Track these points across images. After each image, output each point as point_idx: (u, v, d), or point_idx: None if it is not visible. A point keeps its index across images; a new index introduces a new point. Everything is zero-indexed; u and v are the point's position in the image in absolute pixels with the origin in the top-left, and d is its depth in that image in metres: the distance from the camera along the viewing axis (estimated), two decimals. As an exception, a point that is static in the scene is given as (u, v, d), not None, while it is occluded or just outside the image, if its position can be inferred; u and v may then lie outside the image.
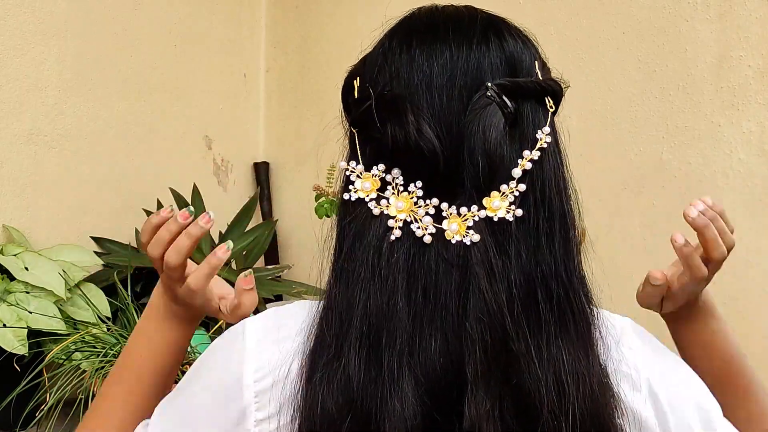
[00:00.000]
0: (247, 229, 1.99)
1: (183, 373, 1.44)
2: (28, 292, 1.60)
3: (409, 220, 0.75)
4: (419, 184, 0.76)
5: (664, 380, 0.83)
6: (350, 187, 0.77)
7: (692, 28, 1.49)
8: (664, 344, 0.94)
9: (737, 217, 1.44)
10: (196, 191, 1.97)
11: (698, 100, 1.48)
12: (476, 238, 0.74)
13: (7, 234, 1.77)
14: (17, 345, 1.53)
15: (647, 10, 1.55)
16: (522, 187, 0.75)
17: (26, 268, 1.63)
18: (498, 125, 0.76)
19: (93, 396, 1.41)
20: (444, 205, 0.75)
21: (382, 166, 0.76)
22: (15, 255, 1.65)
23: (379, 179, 0.76)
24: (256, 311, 1.27)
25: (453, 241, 0.74)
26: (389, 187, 0.76)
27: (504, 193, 0.75)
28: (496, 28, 0.80)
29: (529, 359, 0.73)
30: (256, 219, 2.14)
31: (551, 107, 0.80)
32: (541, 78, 0.79)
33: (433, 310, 0.73)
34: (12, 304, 1.57)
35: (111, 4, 1.96)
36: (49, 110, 1.86)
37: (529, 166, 0.76)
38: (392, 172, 0.76)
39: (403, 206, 0.76)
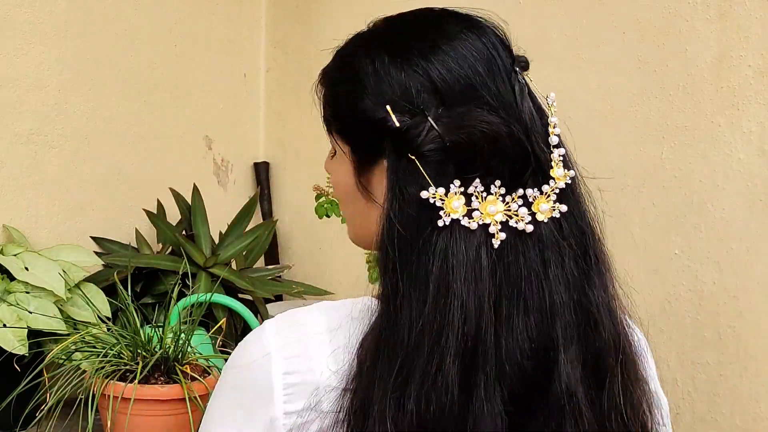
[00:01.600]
0: (247, 229, 1.99)
1: (182, 372, 1.44)
2: (28, 292, 1.60)
3: (504, 219, 0.77)
4: (498, 183, 0.78)
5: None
6: (440, 213, 0.76)
7: (692, 28, 1.49)
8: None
9: (737, 218, 1.44)
10: (196, 191, 1.97)
11: (698, 100, 1.48)
12: (564, 208, 0.80)
13: (7, 234, 1.77)
14: (17, 345, 1.53)
15: (647, 10, 1.55)
16: (562, 150, 0.81)
17: (26, 268, 1.63)
18: (529, 101, 0.81)
19: (93, 396, 1.41)
20: (528, 191, 0.78)
21: (457, 182, 0.77)
22: (15, 255, 1.66)
23: (462, 194, 0.77)
24: (256, 312, 1.29)
25: (545, 221, 0.78)
26: (473, 199, 0.77)
27: (556, 161, 0.81)
28: (475, 20, 0.85)
29: (598, 311, 0.79)
30: (256, 219, 2.14)
31: (530, 79, 0.86)
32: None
33: (519, 296, 0.76)
34: (12, 304, 1.57)
35: (111, 4, 1.96)
36: (49, 110, 1.86)
37: (558, 131, 0.82)
38: (473, 183, 0.77)
39: (495, 209, 0.77)
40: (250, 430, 0.78)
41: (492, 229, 0.76)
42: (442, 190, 0.76)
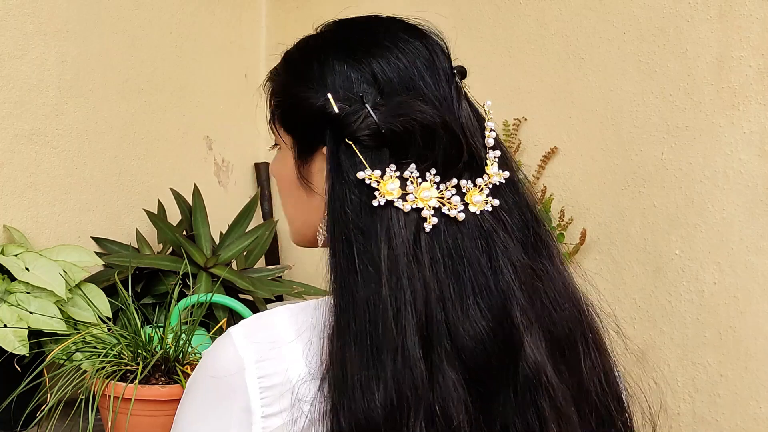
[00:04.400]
0: (248, 229, 1.99)
1: (183, 372, 1.44)
2: (28, 293, 1.60)
3: (437, 206, 0.81)
4: (433, 171, 0.82)
5: None
6: (375, 193, 0.80)
7: (693, 29, 1.49)
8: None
9: (738, 218, 1.44)
10: (196, 191, 1.97)
11: (699, 101, 1.48)
12: (496, 202, 0.83)
13: (7, 234, 1.77)
14: (18, 345, 1.53)
15: (648, 10, 1.55)
16: (498, 152, 0.85)
17: (27, 269, 1.63)
18: (466, 104, 0.85)
19: (94, 396, 1.41)
20: (462, 182, 0.82)
21: (393, 167, 0.81)
22: (16, 255, 1.65)
23: (397, 178, 0.81)
24: (257, 312, 1.29)
25: (478, 212, 0.82)
26: (408, 183, 0.81)
27: (492, 160, 0.85)
28: (417, 27, 0.89)
29: (548, 290, 0.83)
30: (257, 219, 2.14)
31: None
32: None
33: (467, 281, 0.79)
34: (13, 305, 1.57)
35: (112, 4, 1.96)
36: (49, 111, 1.86)
37: (494, 135, 0.85)
38: (409, 168, 0.81)
39: (429, 195, 0.81)
40: None
41: (425, 213, 0.80)
42: (378, 173, 0.81)
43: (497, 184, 0.84)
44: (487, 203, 0.82)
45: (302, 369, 0.78)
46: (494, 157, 0.84)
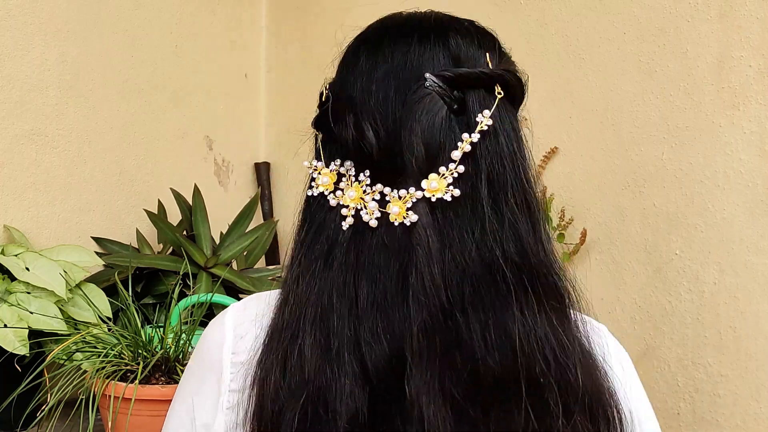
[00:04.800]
0: (248, 229, 1.99)
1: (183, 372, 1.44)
2: (29, 293, 1.60)
3: (359, 207, 0.80)
4: (367, 173, 0.81)
5: (633, 390, 0.87)
6: (312, 183, 0.83)
7: (693, 29, 1.49)
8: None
9: (738, 218, 1.44)
10: (196, 191, 1.97)
11: (699, 101, 1.48)
12: (414, 218, 0.78)
13: (8, 234, 1.78)
14: (18, 345, 1.53)
15: (648, 10, 1.55)
16: (461, 168, 0.79)
17: (27, 269, 1.63)
18: (438, 113, 0.80)
19: (94, 396, 1.41)
20: (387, 190, 0.80)
21: (338, 161, 0.83)
22: (16, 255, 1.66)
23: (336, 173, 0.82)
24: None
25: (396, 224, 0.78)
26: (344, 180, 0.82)
27: (443, 174, 0.79)
28: (440, 28, 0.85)
29: (475, 335, 0.74)
30: (257, 219, 2.14)
31: (500, 93, 0.82)
32: (491, 68, 0.82)
33: (377, 293, 0.77)
34: (13, 305, 1.57)
35: (112, 4, 1.96)
36: (50, 111, 1.86)
37: (468, 148, 0.79)
38: (345, 164, 0.82)
39: (354, 195, 0.81)
40: (200, 399, 0.85)
41: (344, 212, 0.80)
42: (321, 164, 0.83)
43: (434, 200, 0.78)
44: (405, 217, 0.78)
45: (251, 353, 0.82)
46: (451, 172, 0.79)
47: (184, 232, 1.96)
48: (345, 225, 0.79)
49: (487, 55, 0.83)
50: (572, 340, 0.77)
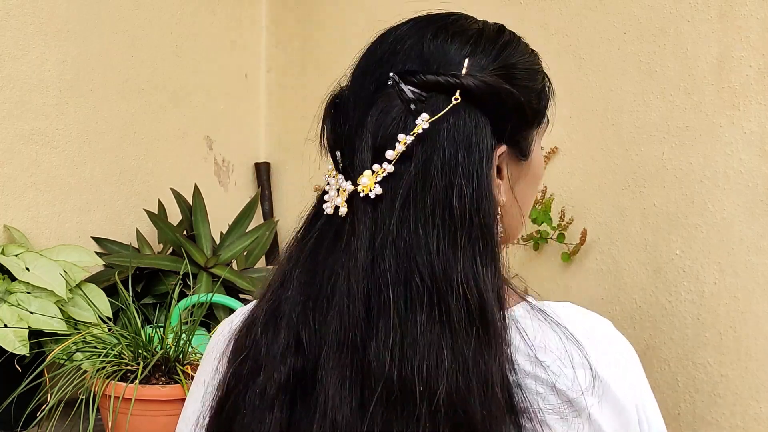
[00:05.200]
0: (248, 229, 1.99)
1: (183, 372, 1.44)
2: (29, 293, 1.60)
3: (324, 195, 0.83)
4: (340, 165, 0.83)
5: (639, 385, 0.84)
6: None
7: (693, 29, 1.49)
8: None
9: (738, 218, 1.44)
10: (197, 191, 1.97)
11: (699, 101, 1.48)
12: (343, 210, 0.79)
13: (8, 234, 1.78)
14: (18, 345, 1.53)
15: (648, 10, 1.55)
16: (389, 167, 0.78)
17: (27, 269, 1.63)
18: (390, 110, 0.79)
19: (94, 396, 1.41)
20: (341, 181, 0.81)
21: (339, 153, 0.84)
22: (16, 255, 1.66)
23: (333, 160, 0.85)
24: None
25: (340, 213, 0.79)
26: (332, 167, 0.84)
27: (375, 171, 0.78)
28: (422, 28, 0.84)
29: (381, 337, 0.75)
30: (257, 219, 2.14)
31: (456, 99, 0.79)
32: (464, 74, 0.80)
33: (317, 286, 0.79)
34: (13, 305, 1.57)
35: (112, 4, 1.96)
36: (50, 111, 1.86)
37: (401, 149, 0.78)
38: (336, 155, 0.84)
39: (325, 181, 0.83)
40: (208, 388, 0.86)
41: (326, 197, 0.82)
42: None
43: (362, 195, 0.78)
44: (339, 208, 0.79)
45: None
46: (384, 170, 0.78)
47: (184, 232, 1.96)
48: (312, 211, 0.84)
49: (467, 60, 0.81)
50: (477, 362, 0.74)
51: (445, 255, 0.76)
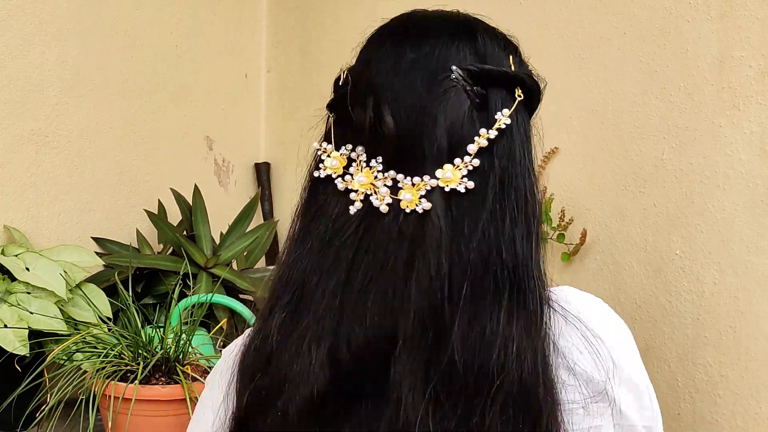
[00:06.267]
0: (248, 229, 1.99)
1: (183, 372, 1.44)
2: (29, 293, 1.60)
3: (369, 193, 0.80)
4: (380, 159, 0.81)
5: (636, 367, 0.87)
6: (320, 165, 0.83)
7: (693, 29, 1.49)
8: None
9: (738, 218, 1.44)
10: (197, 192, 1.97)
11: (699, 101, 1.48)
12: (427, 206, 0.78)
13: (8, 234, 1.78)
14: (18, 345, 1.53)
15: (648, 10, 1.55)
16: (476, 161, 0.79)
17: (27, 269, 1.63)
18: (461, 106, 0.81)
19: (94, 396, 1.41)
20: (400, 176, 0.79)
21: (349, 146, 0.82)
22: (16, 255, 1.66)
23: (346, 157, 0.82)
24: (257, 312, 1.30)
25: (407, 211, 0.78)
26: (353, 164, 0.82)
27: (458, 166, 0.79)
28: (467, 26, 0.86)
29: (461, 329, 0.75)
30: (257, 219, 2.14)
31: (519, 96, 0.83)
32: (513, 70, 0.84)
33: (376, 276, 0.77)
34: (13, 305, 1.57)
35: (112, 4, 1.96)
36: (50, 111, 1.86)
37: (484, 143, 0.80)
38: (357, 149, 0.82)
39: (365, 180, 0.80)
40: (218, 414, 0.84)
41: (353, 196, 0.80)
42: (331, 147, 0.83)
43: (447, 190, 0.78)
44: (418, 205, 0.78)
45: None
46: (465, 164, 0.79)
47: (184, 232, 1.96)
48: (353, 209, 0.80)
49: (510, 57, 0.85)
50: (543, 353, 0.77)
51: (525, 248, 0.79)
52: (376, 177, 0.80)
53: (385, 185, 0.79)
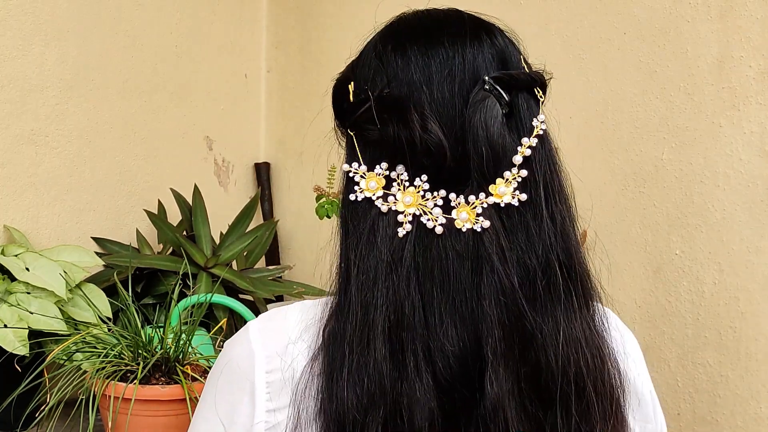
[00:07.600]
0: (248, 229, 1.99)
1: (183, 372, 1.44)
2: (29, 293, 1.60)
3: (418, 213, 0.78)
4: (424, 177, 0.78)
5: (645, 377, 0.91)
6: (355, 188, 0.79)
7: (693, 29, 1.49)
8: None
9: (738, 218, 1.44)
10: (196, 192, 1.97)
11: (699, 101, 1.48)
12: (486, 224, 0.77)
13: (8, 234, 1.78)
14: (18, 345, 1.53)
15: (648, 10, 1.55)
16: (524, 172, 0.79)
17: (27, 269, 1.63)
18: (497, 116, 0.79)
19: (94, 396, 1.41)
20: (452, 196, 0.78)
21: (384, 165, 0.79)
22: (16, 255, 1.66)
23: (384, 177, 0.79)
24: (257, 313, 1.29)
25: (464, 230, 0.77)
26: (395, 184, 0.79)
27: (508, 179, 0.79)
28: (484, 26, 0.84)
29: (545, 336, 0.76)
30: (257, 219, 2.14)
31: (541, 97, 0.83)
32: (528, 71, 0.84)
33: (447, 298, 0.76)
34: (13, 305, 1.57)
35: (112, 4, 1.96)
36: (50, 111, 1.86)
37: (528, 152, 0.80)
38: (396, 169, 0.79)
39: (411, 200, 0.78)
40: (230, 420, 0.81)
41: (400, 218, 0.78)
42: (364, 168, 0.79)
43: (502, 205, 0.78)
44: (476, 223, 0.77)
45: (303, 365, 0.79)
46: (515, 177, 0.79)
47: (184, 233, 1.96)
48: (402, 231, 0.77)
49: (522, 58, 0.85)
50: (607, 345, 0.81)
51: (577, 246, 0.82)
52: (423, 197, 0.78)
53: (435, 205, 0.78)
